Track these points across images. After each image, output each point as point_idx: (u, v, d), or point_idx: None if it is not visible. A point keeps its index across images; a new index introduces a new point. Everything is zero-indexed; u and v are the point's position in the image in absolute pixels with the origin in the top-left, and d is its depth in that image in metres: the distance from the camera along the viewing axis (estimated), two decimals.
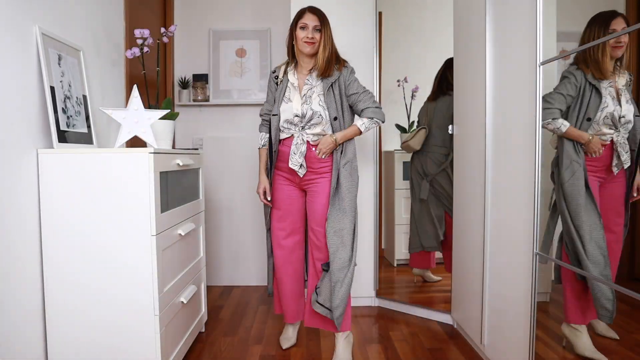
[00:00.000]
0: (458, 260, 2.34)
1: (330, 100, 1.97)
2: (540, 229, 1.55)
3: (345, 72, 2.00)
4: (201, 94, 3.23)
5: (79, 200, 1.61)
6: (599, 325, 1.32)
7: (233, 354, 2.14)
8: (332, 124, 1.99)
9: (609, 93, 1.28)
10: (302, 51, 1.99)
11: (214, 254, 3.24)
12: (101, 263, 1.62)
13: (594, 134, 1.33)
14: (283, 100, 2.01)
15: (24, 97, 1.56)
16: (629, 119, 1.23)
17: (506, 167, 1.80)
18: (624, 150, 1.25)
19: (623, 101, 1.25)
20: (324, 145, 1.96)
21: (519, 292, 1.69)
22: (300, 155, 1.97)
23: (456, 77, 2.34)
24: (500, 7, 1.83)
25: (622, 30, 1.19)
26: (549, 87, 1.49)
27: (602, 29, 1.24)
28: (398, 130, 2.85)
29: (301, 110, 1.97)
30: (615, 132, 1.27)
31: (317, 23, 1.96)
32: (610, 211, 1.30)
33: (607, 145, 1.30)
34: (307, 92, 1.99)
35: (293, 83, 2.02)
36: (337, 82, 1.99)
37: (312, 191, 2.04)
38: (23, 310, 1.55)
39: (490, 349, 1.96)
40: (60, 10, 1.81)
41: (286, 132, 2.02)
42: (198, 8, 3.25)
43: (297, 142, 1.98)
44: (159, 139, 2.08)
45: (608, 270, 1.29)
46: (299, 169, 1.99)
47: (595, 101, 1.31)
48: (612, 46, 1.24)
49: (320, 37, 1.96)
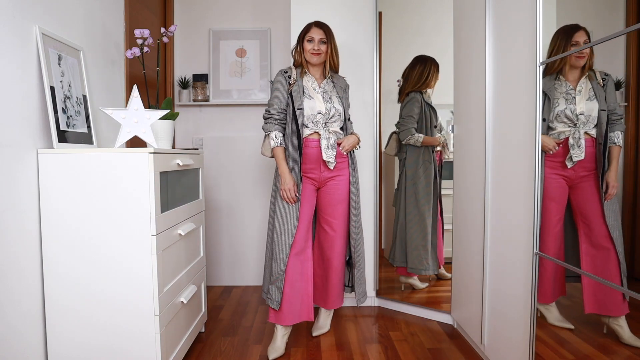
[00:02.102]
0: (458, 260, 2.34)
1: (345, 103, 2.25)
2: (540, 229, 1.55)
3: (348, 87, 2.31)
4: (201, 94, 3.23)
5: (79, 200, 1.61)
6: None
7: (233, 354, 2.14)
8: (346, 123, 2.24)
9: (563, 96, 1.44)
10: (310, 61, 2.18)
11: (214, 254, 3.24)
12: (101, 263, 1.62)
13: (555, 132, 1.47)
14: (305, 97, 2.15)
15: (24, 97, 1.56)
16: (589, 115, 1.35)
17: (506, 167, 1.80)
18: (577, 145, 1.38)
19: (582, 100, 1.38)
20: (349, 143, 2.20)
21: (519, 292, 1.69)
22: (332, 148, 2.16)
23: (456, 77, 2.34)
24: (500, 7, 1.83)
25: (584, 42, 1.34)
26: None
27: (564, 41, 1.41)
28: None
29: (325, 108, 2.16)
30: (572, 129, 1.40)
31: (323, 36, 2.15)
32: (588, 211, 1.37)
33: (563, 143, 1.44)
34: (324, 95, 2.19)
35: (312, 85, 2.19)
36: (345, 91, 2.28)
37: (330, 185, 2.22)
38: (23, 310, 1.55)
39: (490, 349, 1.96)
40: (60, 10, 1.81)
41: (310, 129, 2.15)
42: (198, 8, 3.25)
43: (326, 136, 2.15)
44: (159, 139, 2.08)
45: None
46: (333, 160, 2.15)
47: (548, 104, 1.49)
48: (575, 56, 1.39)
49: (326, 49, 2.17)
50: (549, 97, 1.49)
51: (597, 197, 1.30)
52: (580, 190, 1.39)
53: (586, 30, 1.34)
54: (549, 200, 1.51)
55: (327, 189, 2.23)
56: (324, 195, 2.24)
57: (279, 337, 2.15)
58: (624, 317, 1.23)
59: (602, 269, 1.30)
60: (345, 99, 2.26)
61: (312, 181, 2.20)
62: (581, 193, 1.38)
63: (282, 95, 2.14)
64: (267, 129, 2.15)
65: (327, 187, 2.23)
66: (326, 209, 2.25)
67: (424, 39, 2.80)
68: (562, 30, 1.44)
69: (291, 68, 2.21)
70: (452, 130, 2.42)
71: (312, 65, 2.20)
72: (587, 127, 1.36)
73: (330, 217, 2.25)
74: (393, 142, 2.71)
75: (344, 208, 2.26)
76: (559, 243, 1.50)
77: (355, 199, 2.25)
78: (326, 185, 2.22)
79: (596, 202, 1.31)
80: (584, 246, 1.37)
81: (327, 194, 2.23)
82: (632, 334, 1.21)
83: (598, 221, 1.31)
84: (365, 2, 2.68)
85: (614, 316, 1.26)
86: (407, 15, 2.83)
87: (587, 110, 1.37)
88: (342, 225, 2.27)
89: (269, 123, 2.15)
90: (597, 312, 1.33)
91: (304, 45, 2.17)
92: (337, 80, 2.26)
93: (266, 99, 3.25)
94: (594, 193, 1.31)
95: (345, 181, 2.24)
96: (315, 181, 2.21)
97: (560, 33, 1.44)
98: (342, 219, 2.26)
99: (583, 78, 1.38)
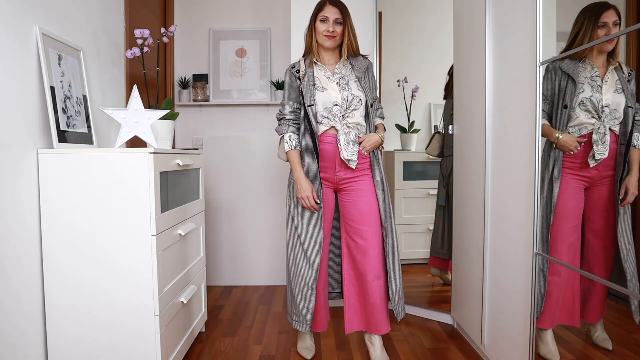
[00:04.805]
0: (458, 260, 2.34)
1: (365, 86, 1.96)
2: (540, 229, 1.55)
3: (370, 66, 2.03)
4: (201, 94, 3.23)
5: (79, 200, 1.61)
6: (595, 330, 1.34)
7: (233, 354, 2.14)
8: (367, 110, 1.95)
9: (588, 81, 1.26)
10: (323, 45, 1.93)
11: (214, 254, 3.24)
12: (101, 263, 1.62)
13: (574, 124, 1.29)
14: (316, 89, 1.92)
15: (24, 97, 1.56)
16: (615, 109, 1.20)
17: (506, 167, 1.80)
18: (601, 141, 1.22)
19: (609, 90, 1.22)
20: (371, 142, 1.93)
21: (519, 292, 1.69)
22: (353, 143, 1.89)
23: (456, 77, 2.34)
24: (500, 7, 1.83)
25: (614, 24, 1.17)
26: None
27: (592, 22, 1.22)
28: (398, 130, 2.85)
29: (341, 97, 1.91)
30: (597, 122, 1.23)
31: (339, 15, 1.90)
32: (596, 213, 1.27)
33: (587, 140, 1.26)
34: (340, 81, 1.94)
35: (324, 73, 1.95)
36: (366, 71, 1.99)
37: (354, 190, 1.95)
38: (23, 310, 1.55)
39: (490, 349, 1.96)
40: (60, 10, 1.81)
41: (325, 124, 1.92)
42: (198, 8, 3.25)
43: (344, 131, 1.89)
44: (159, 139, 2.08)
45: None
46: (355, 158, 1.89)
47: (571, 88, 1.29)
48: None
49: (342, 30, 1.92)
50: (574, 80, 1.29)
51: (612, 202, 1.18)
52: (595, 192, 1.26)
53: (616, 9, 1.16)
54: (563, 204, 1.35)
55: (350, 193, 1.96)
56: (347, 200, 1.96)
57: (307, 336, 2.12)
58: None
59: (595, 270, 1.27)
60: (368, 80, 1.97)
61: (327, 183, 1.97)
62: (595, 195, 1.25)
63: (292, 93, 1.95)
64: (280, 131, 1.97)
65: (348, 190, 1.96)
66: (352, 216, 1.94)
67: (424, 39, 2.80)
68: (589, 8, 1.24)
69: (300, 61, 2.00)
70: (451, 131, 2.42)
71: (326, 50, 1.95)
72: (612, 123, 1.20)
73: (358, 224, 1.93)
74: (436, 142, 2.65)
75: (373, 212, 1.93)
76: (572, 254, 1.35)
77: (383, 199, 1.95)
78: (346, 188, 1.96)
79: (610, 206, 1.19)
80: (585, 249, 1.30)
81: (350, 198, 1.95)
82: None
83: (608, 226, 1.21)
84: (365, 2, 2.68)
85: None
86: (407, 15, 2.83)
87: (613, 103, 1.20)
88: (373, 232, 1.93)
89: (282, 125, 1.97)
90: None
91: (317, 26, 1.91)
92: (355, 61, 1.98)
93: (266, 99, 3.26)
94: (609, 197, 1.20)
95: (369, 181, 1.95)
96: (329, 182, 1.97)
97: (587, 11, 1.24)
98: (372, 224, 1.93)
99: (610, 68, 1.21)
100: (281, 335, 2.35)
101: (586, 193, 1.29)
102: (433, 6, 2.78)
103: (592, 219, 1.27)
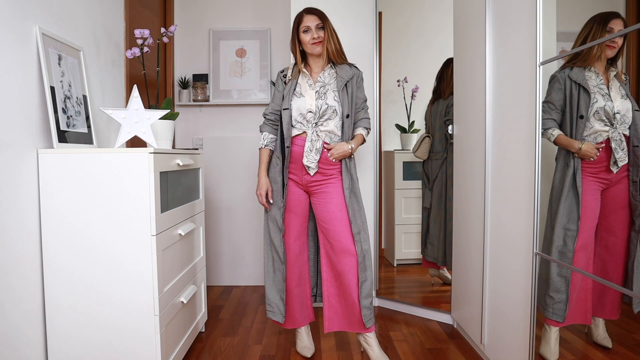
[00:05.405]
0: (458, 260, 2.34)
1: (344, 97, 2.00)
2: (540, 229, 1.55)
3: (357, 76, 2.05)
4: (201, 94, 3.23)
5: (79, 200, 1.61)
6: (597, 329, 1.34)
7: (233, 354, 2.14)
8: (344, 121, 2.01)
9: (598, 90, 1.30)
10: (313, 53, 2.00)
11: (214, 254, 3.24)
12: (101, 263, 1.62)
13: (589, 133, 1.33)
14: (295, 95, 2.01)
15: (24, 97, 1.56)
16: (625, 114, 1.25)
17: (506, 167, 1.80)
18: (620, 148, 1.25)
19: (617, 97, 1.26)
20: (340, 151, 1.97)
21: (519, 292, 1.69)
22: (316, 152, 1.96)
23: (456, 77, 2.34)
24: (500, 7, 1.83)
25: (619, 31, 1.21)
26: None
27: (600, 27, 1.26)
28: (398, 130, 2.85)
29: (315, 105, 1.98)
30: (610, 129, 1.27)
31: (319, 21, 1.98)
32: (613, 213, 1.29)
33: (604, 146, 1.30)
34: (320, 89, 2.00)
35: (307, 81, 2.02)
36: (351, 81, 2.02)
37: (323, 192, 2.01)
38: (23, 310, 1.55)
39: (490, 349, 1.96)
40: (60, 10, 1.81)
41: (298, 129, 2.00)
42: (198, 8, 3.25)
43: (312, 138, 1.97)
44: (159, 139, 2.08)
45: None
46: (314, 166, 1.96)
47: (585, 98, 1.33)
48: (606, 45, 1.27)
49: (324, 34, 1.98)
50: (586, 90, 1.32)
51: (627, 203, 1.21)
52: (611, 192, 1.29)
53: (624, 19, 1.21)
54: (586, 209, 1.36)
55: (319, 195, 2.02)
56: (318, 202, 2.03)
57: (304, 335, 2.16)
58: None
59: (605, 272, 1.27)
60: (351, 91, 2.01)
61: (297, 183, 2.04)
62: (611, 194, 1.28)
63: (277, 96, 2.08)
64: (260, 129, 2.11)
65: (318, 193, 2.02)
66: (324, 217, 2.01)
67: (424, 39, 2.80)
68: (598, 15, 1.29)
69: (289, 68, 2.10)
70: (451, 130, 2.42)
71: (316, 57, 2.02)
72: (623, 128, 1.24)
73: (330, 225, 2.00)
74: (425, 146, 2.66)
75: (343, 213, 1.99)
76: (587, 254, 1.37)
77: (353, 207, 2.00)
78: (316, 191, 2.02)
79: (625, 207, 1.22)
80: (597, 250, 1.32)
81: (320, 200, 2.02)
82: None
83: (623, 224, 1.24)
84: (365, 2, 2.68)
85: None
86: (407, 15, 2.83)
87: (623, 109, 1.25)
88: (346, 233, 1.99)
89: (262, 124, 2.11)
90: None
91: (302, 38, 1.99)
92: (340, 70, 2.02)
93: (266, 99, 3.26)
94: (624, 197, 1.23)
95: (338, 184, 2.00)
96: (299, 184, 2.04)
97: (596, 18, 1.28)
98: (343, 225, 1.99)
99: (612, 75, 1.27)
100: (281, 335, 2.35)
101: (602, 193, 1.33)
102: (433, 6, 2.78)
103: (608, 217, 1.30)
